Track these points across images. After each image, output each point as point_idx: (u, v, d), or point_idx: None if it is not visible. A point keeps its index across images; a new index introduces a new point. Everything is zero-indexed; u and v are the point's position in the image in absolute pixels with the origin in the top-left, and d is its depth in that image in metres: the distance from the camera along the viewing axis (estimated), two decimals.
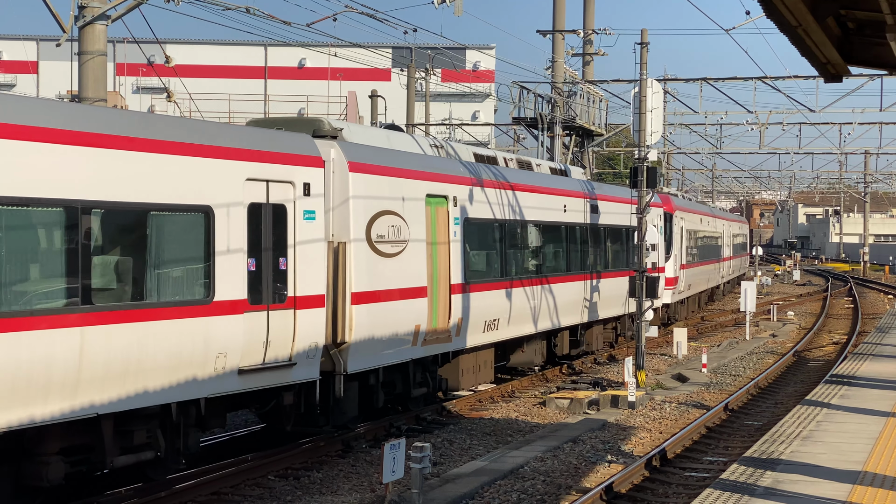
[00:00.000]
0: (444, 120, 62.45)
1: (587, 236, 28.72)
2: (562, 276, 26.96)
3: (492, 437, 19.25)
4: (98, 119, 12.94)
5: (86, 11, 17.50)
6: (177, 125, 14.10)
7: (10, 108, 11.90)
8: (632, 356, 24.90)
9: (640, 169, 25.98)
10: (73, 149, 12.35)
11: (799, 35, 11.10)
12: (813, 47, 11.47)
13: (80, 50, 17.69)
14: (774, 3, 9.80)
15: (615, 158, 78.37)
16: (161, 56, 21.13)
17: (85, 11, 17.50)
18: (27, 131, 11.84)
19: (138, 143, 13.12)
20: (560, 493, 15.01)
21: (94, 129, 12.68)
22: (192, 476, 15.13)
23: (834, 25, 11.44)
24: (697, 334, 39.29)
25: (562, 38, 39.31)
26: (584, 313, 28.06)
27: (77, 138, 12.41)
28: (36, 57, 75.08)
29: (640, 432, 19.79)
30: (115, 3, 17.66)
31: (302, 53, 75.95)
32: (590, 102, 40.76)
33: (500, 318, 22.78)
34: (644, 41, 26.58)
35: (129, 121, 13.43)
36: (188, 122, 14.61)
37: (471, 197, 21.32)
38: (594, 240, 29.57)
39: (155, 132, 13.49)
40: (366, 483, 15.67)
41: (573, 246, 28.20)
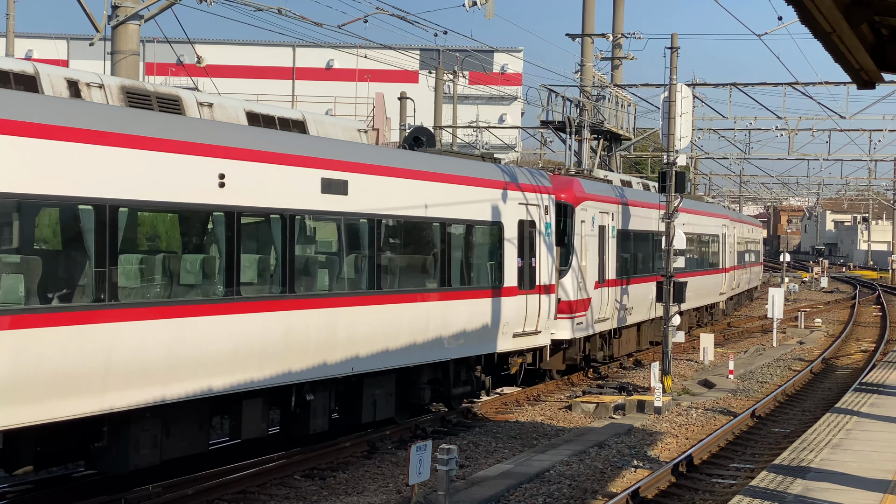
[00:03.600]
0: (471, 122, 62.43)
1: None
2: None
3: (517, 441, 19.23)
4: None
5: (119, 11, 17.61)
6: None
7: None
8: (658, 361, 24.81)
9: (669, 174, 25.91)
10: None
11: (833, 41, 11.05)
12: (846, 53, 11.42)
13: (113, 49, 17.81)
14: (809, 8, 9.76)
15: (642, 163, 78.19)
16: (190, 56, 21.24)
17: (118, 11, 17.61)
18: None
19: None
20: (586, 497, 14.98)
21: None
22: (218, 475, 15.19)
23: (868, 32, 11.37)
24: (724, 340, 39.10)
25: (591, 41, 39.22)
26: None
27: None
28: (66, 56, 75.57)
29: (666, 438, 19.72)
30: (149, 3, 17.77)
31: (330, 54, 76.14)
32: (618, 106, 40.66)
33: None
34: (674, 46, 26.51)
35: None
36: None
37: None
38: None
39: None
40: (391, 484, 15.69)
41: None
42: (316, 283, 16.06)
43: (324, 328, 15.89)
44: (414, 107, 44.48)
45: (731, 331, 42.94)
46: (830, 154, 55.75)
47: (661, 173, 26.41)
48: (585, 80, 38.73)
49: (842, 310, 56.67)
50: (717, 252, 42.23)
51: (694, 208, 38.17)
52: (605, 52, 42.60)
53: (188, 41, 19.94)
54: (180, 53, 22.43)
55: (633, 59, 42.56)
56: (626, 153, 51.05)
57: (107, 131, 12.49)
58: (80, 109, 12.55)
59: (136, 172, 12.84)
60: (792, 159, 55.90)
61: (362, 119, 60.14)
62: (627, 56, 42.51)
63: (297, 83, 79.19)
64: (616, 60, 42.85)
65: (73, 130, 12.14)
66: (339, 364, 16.22)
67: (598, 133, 39.68)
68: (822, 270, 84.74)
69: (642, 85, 40.80)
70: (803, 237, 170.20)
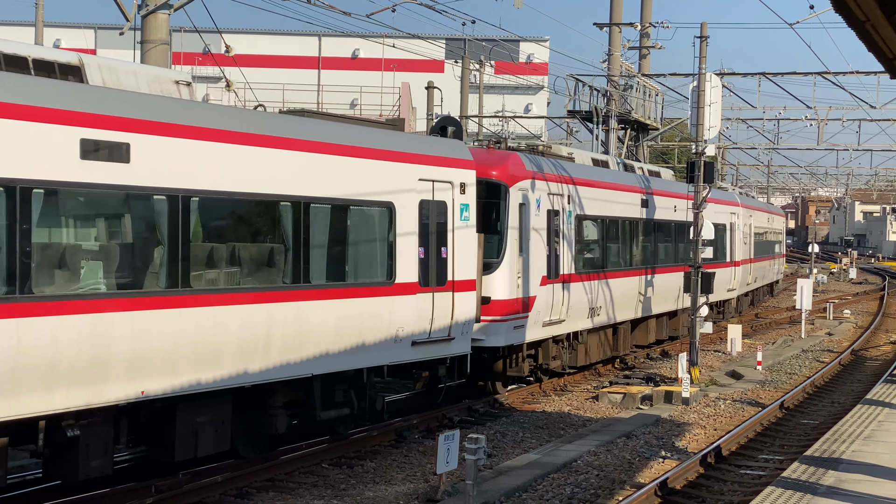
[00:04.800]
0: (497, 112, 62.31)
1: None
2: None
3: (544, 431, 19.21)
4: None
5: (149, 1, 17.65)
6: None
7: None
8: (685, 352, 24.72)
9: (698, 164, 25.77)
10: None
11: (867, 30, 10.93)
12: (880, 42, 11.29)
13: (143, 39, 17.85)
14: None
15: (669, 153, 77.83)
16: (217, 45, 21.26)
17: (148, 1, 17.65)
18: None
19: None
20: (614, 487, 14.94)
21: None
22: (246, 463, 15.24)
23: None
24: (752, 331, 38.92)
25: (619, 31, 39.03)
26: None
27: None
28: (94, 45, 75.87)
29: (694, 429, 19.65)
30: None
31: (356, 44, 76.10)
32: (646, 96, 40.49)
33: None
34: (703, 35, 26.34)
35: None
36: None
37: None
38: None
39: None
40: (419, 473, 15.70)
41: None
42: (74, 281, 12.09)
43: (89, 340, 12.03)
44: (441, 96, 44.40)
45: (759, 322, 42.72)
46: (860, 144, 55.31)
47: (690, 163, 26.27)
48: (613, 70, 38.57)
49: (871, 301, 56.27)
50: (724, 243, 37.07)
51: (679, 191, 31.34)
52: (632, 42, 42.41)
53: (216, 30, 19.96)
54: (208, 43, 22.45)
55: (661, 49, 42.34)
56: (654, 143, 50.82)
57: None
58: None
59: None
60: (821, 149, 55.53)
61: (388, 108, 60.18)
62: (655, 45, 42.29)
63: (322, 73, 79.24)
64: (644, 50, 42.64)
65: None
66: (122, 385, 12.40)
67: (626, 123, 39.52)
68: (850, 261, 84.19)
69: (670, 74, 40.61)
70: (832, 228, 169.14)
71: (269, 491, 14.48)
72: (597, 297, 24.79)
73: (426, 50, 50.37)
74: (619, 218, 26.61)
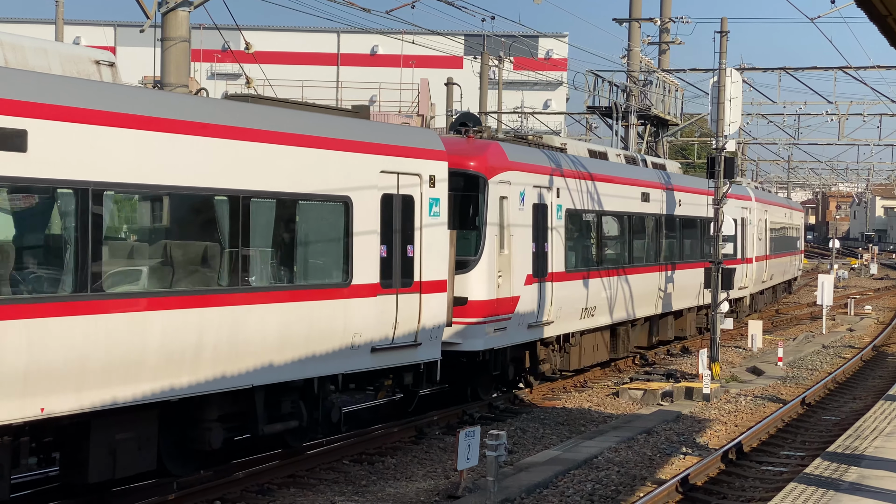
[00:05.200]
0: (515, 108, 62.25)
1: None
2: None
3: (565, 427, 19.19)
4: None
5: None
6: None
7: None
8: (706, 348, 24.66)
9: (718, 159, 25.69)
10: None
11: (889, 24, 10.88)
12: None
13: (163, 36, 17.90)
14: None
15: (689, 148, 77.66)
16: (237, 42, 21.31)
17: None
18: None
19: None
20: (635, 484, 14.92)
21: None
22: (267, 459, 15.29)
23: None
24: (773, 327, 38.78)
25: (638, 26, 38.94)
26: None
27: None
28: (114, 43, 76.14)
29: (715, 425, 19.60)
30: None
31: (374, 40, 76.15)
32: (665, 91, 40.37)
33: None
34: (724, 30, 26.25)
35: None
36: None
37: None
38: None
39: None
40: (439, 469, 15.71)
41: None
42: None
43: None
44: (460, 92, 44.38)
45: (779, 318, 42.57)
46: (881, 139, 54.98)
47: (710, 158, 26.18)
48: (632, 65, 38.48)
49: (892, 297, 55.98)
50: (735, 239, 34.74)
51: (685, 184, 30.57)
52: (652, 37, 42.27)
53: (236, 27, 20.00)
54: (227, 40, 22.50)
55: (681, 44, 42.23)
56: (673, 139, 50.68)
57: None
58: None
59: None
60: (842, 144, 55.24)
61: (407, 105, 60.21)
62: (675, 40, 42.16)
63: (341, 69, 79.30)
64: (664, 45, 42.51)
65: None
66: (16, 403, 11.00)
67: (645, 118, 39.42)
68: (871, 257, 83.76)
69: (690, 70, 40.45)
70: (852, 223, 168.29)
71: (291, 487, 14.52)
72: (591, 298, 23.10)
73: (445, 46, 50.34)
74: (616, 213, 24.99)
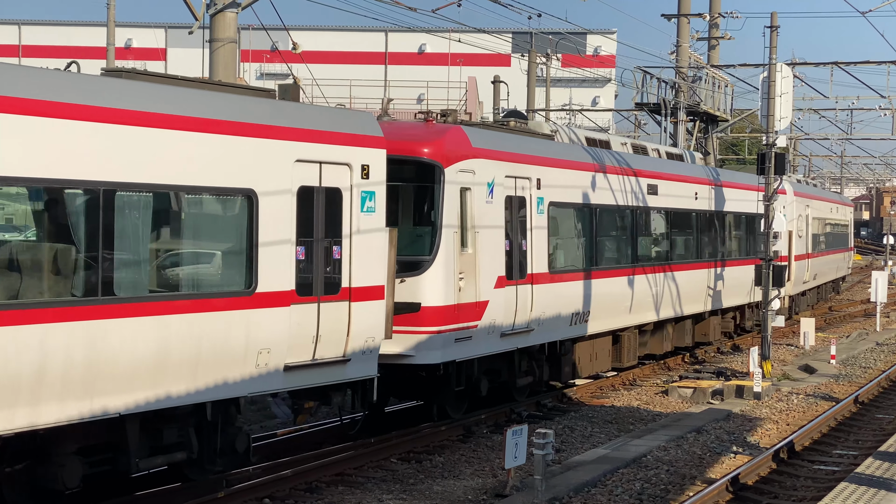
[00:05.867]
0: (564, 106, 62.06)
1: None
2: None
3: (613, 425, 19.10)
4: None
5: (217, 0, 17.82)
6: None
7: None
8: (757, 346, 24.43)
9: (769, 155, 25.46)
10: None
11: None
12: None
13: (211, 37, 18.03)
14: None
15: (739, 144, 77.00)
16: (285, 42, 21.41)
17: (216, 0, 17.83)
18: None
19: None
20: (684, 483, 14.81)
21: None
22: (315, 457, 15.35)
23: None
24: (825, 325, 38.34)
25: (687, 21, 38.64)
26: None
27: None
28: (164, 44, 76.89)
29: (766, 424, 19.41)
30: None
31: (422, 39, 76.30)
32: (715, 87, 40.03)
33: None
34: (774, 25, 26.00)
35: None
36: None
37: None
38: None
39: None
40: (487, 468, 15.70)
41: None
42: None
43: None
44: (507, 90, 44.29)
45: (832, 315, 42.08)
46: None
47: (760, 154, 25.94)
48: (681, 61, 38.21)
49: None
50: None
51: (707, 176, 27.98)
52: (701, 33, 41.94)
53: (284, 28, 20.10)
54: (275, 40, 22.64)
55: (731, 39, 41.81)
56: (724, 135, 50.26)
57: None
58: None
59: None
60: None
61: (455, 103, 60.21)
62: (724, 36, 41.77)
63: (389, 68, 79.49)
64: (713, 40, 42.15)
65: None
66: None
67: (694, 115, 39.13)
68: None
69: (740, 65, 40.11)
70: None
71: (339, 485, 14.57)
72: (584, 302, 20.68)
73: (492, 44, 50.28)
74: (614, 206, 22.29)
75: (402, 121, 18.27)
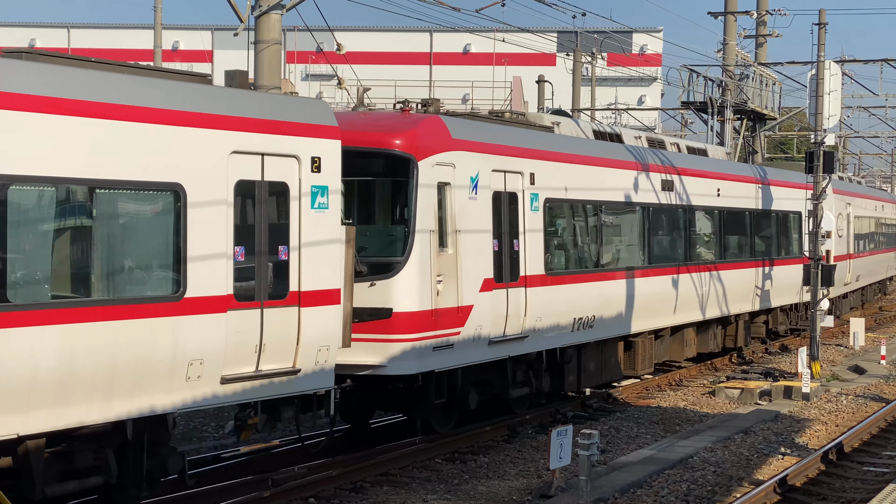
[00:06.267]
0: (609, 105, 61.81)
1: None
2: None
3: (659, 426, 19.00)
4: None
5: (262, 1, 17.93)
6: None
7: None
8: (805, 346, 24.19)
9: (817, 154, 25.21)
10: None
11: None
12: None
13: (256, 39, 18.15)
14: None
15: (788, 143, 76.29)
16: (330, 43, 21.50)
17: (261, 1, 17.94)
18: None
19: None
20: (731, 484, 14.70)
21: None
22: (361, 458, 15.39)
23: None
24: (875, 325, 37.89)
25: (734, 19, 38.34)
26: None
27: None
28: (211, 46, 77.50)
29: (814, 425, 19.22)
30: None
31: (467, 39, 76.29)
32: (762, 85, 39.69)
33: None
34: (822, 21, 25.74)
35: None
36: None
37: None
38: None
39: None
40: (532, 468, 15.67)
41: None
42: None
43: None
44: (552, 90, 44.17)
45: (883, 315, 41.57)
46: None
47: (809, 153, 25.70)
48: (728, 59, 37.93)
49: None
50: (800, 235, 29.94)
51: (733, 172, 26.53)
52: (748, 30, 41.61)
53: (328, 29, 20.17)
54: (320, 41, 22.73)
55: (778, 37, 41.43)
56: (772, 133, 49.82)
57: None
58: None
59: None
60: None
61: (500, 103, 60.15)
62: (772, 33, 41.41)
63: (434, 68, 79.60)
64: (760, 38, 41.81)
65: None
66: None
67: (742, 113, 38.83)
68: None
69: (788, 63, 39.68)
70: None
71: (384, 485, 14.60)
72: (588, 306, 19.15)
73: (537, 43, 50.18)
74: (622, 203, 20.74)
75: (380, 111, 16.82)
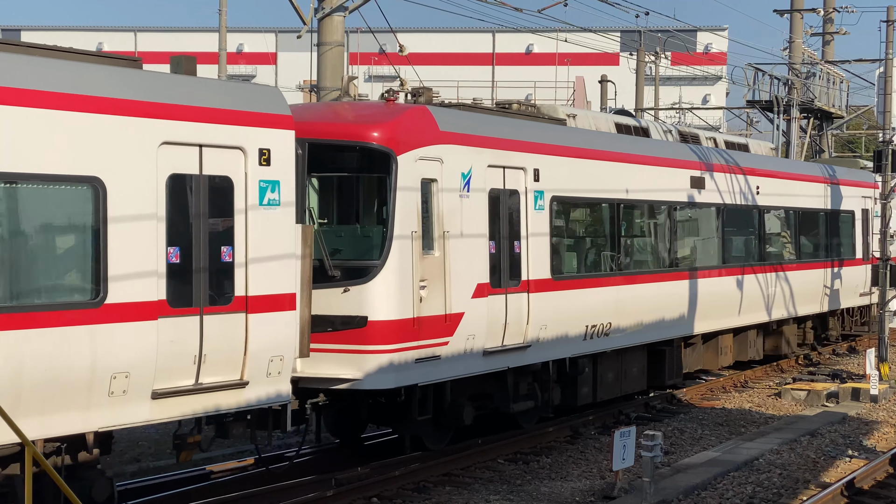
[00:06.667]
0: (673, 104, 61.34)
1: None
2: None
3: (724, 428, 18.83)
4: None
5: (325, 3, 18.09)
6: None
7: None
8: (874, 347, 23.84)
9: (885, 152, 24.86)
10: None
11: None
12: None
13: (319, 41, 18.31)
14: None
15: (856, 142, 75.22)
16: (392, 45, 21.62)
17: (324, 3, 18.10)
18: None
19: None
20: (798, 487, 14.53)
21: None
22: (422, 458, 15.43)
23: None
24: None
25: (800, 17, 37.91)
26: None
27: None
28: (275, 48, 78.20)
29: (883, 427, 18.93)
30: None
31: (529, 39, 76.19)
32: (829, 84, 39.19)
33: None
34: (890, 19, 25.38)
35: None
36: None
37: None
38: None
39: None
40: (595, 470, 15.61)
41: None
42: None
43: None
44: (615, 90, 43.96)
45: None
46: None
47: (877, 152, 25.35)
48: (794, 58, 37.50)
49: None
50: (850, 234, 28.03)
51: (781, 168, 25.04)
52: (815, 28, 41.10)
53: (390, 30, 20.28)
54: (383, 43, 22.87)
55: (846, 34, 40.90)
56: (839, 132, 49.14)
57: None
58: None
59: None
60: None
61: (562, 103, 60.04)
62: (839, 31, 40.88)
63: (496, 69, 79.59)
64: (827, 36, 41.29)
65: None
66: None
67: (808, 112, 38.38)
68: None
69: (855, 60, 39.19)
70: None
71: (446, 485, 14.63)
72: (602, 312, 17.64)
73: (600, 43, 49.98)
74: (643, 202, 19.08)
75: (364, 101, 15.67)
